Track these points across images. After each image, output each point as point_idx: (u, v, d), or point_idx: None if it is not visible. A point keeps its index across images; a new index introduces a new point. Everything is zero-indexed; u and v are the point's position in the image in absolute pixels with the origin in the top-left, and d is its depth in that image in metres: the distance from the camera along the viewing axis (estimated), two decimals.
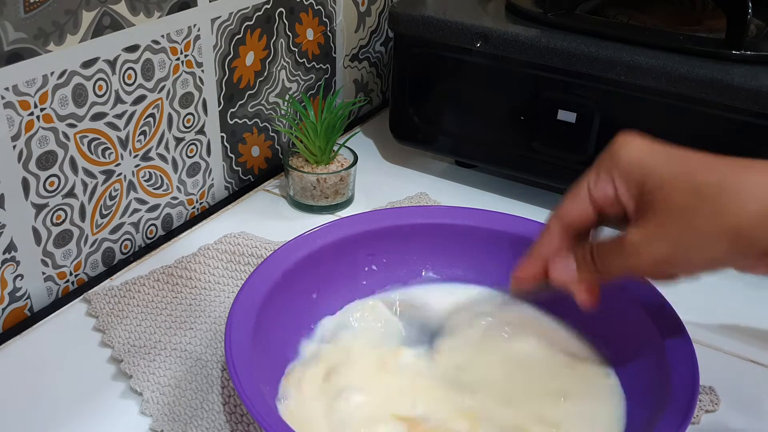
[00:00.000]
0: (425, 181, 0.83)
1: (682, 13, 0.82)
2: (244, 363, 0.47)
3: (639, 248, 0.42)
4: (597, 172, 0.45)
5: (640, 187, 0.43)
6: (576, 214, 0.46)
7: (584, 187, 0.46)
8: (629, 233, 0.42)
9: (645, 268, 0.43)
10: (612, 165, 0.44)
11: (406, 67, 0.79)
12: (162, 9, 0.66)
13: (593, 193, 0.45)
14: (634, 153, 0.43)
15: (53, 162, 0.61)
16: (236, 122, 0.79)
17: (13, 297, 0.62)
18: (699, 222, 0.40)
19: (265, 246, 0.67)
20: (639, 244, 0.42)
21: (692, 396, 0.46)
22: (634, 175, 0.43)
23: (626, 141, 0.44)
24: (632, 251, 0.42)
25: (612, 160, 0.44)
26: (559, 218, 0.47)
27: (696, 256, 0.41)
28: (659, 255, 0.41)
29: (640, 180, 0.42)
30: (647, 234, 0.41)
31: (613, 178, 0.44)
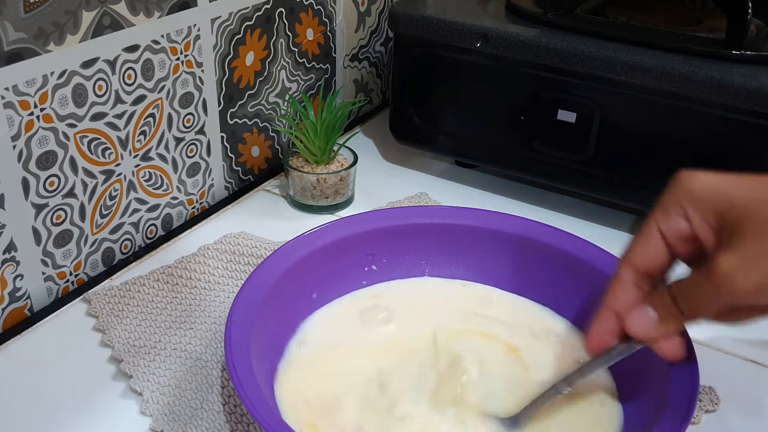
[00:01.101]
0: (425, 181, 0.83)
1: (682, 13, 0.82)
2: (244, 363, 0.47)
3: (733, 275, 0.38)
4: (665, 209, 0.42)
5: (720, 216, 0.40)
6: (650, 258, 0.43)
7: (653, 227, 0.43)
8: (719, 261, 0.39)
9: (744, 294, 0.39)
10: (683, 198, 0.42)
11: (406, 67, 0.79)
12: (162, 9, 0.66)
13: (665, 232, 0.42)
14: (706, 182, 0.41)
15: (53, 162, 0.61)
16: (236, 122, 0.79)
17: (13, 297, 0.62)
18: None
19: (265, 246, 0.67)
20: (732, 270, 0.38)
21: (692, 396, 0.45)
22: (710, 204, 0.40)
23: (690, 174, 0.42)
24: (728, 278, 0.38)
25: (682, 193, 0.42)
26: (631, 265, 0.44)
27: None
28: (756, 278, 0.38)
29: (720, 208, 0.40)
30: (740, 258, 0.38)
31: (686, 211, 0.41)
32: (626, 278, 0.44)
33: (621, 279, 0.45)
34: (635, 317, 0.44)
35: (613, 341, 0.46)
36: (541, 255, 0.60)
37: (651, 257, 0.43)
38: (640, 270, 0.44)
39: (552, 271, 0.59)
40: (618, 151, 0.71)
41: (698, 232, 0.41)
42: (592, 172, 0.73)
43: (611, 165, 0.72)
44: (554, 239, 0.60)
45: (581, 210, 0.77)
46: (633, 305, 0.44)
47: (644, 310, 0.43)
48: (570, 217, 0.76)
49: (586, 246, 0.58)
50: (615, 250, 0.57)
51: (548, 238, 0.60)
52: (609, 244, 0.58)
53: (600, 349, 0.46)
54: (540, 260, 0.60)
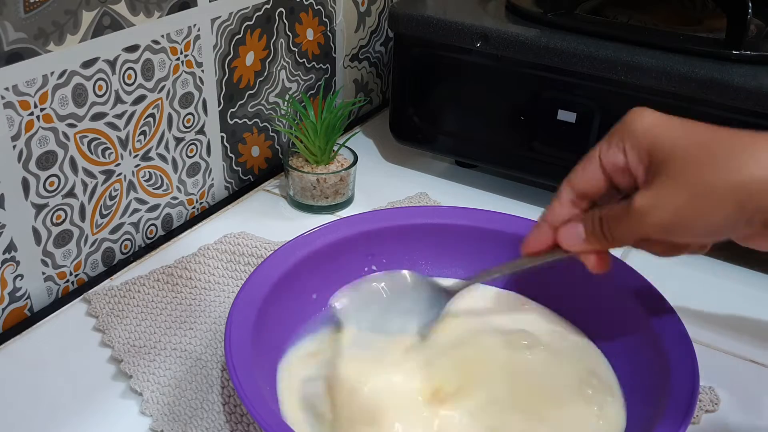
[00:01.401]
0: (425, 181, 0.83)
1: (682, 13, 0.82)
2: (244, 363, 0.47)
3: (646, 212, 0.42)
4: (609, 141, 0.46)
5: (651, 155, 0.43)
6: (587, 182, 0.47)
7: (595, 155, 0.46)
8: (636, 197, 0.42)
9: (652, 232, 0.42)
10: (624, 134, 0.44)
11: (406, 67, 0.79)
12: (162, 9, 0.66)
13: (604, 161, 0.46)
14: (646, 122, 0.44)
15: (53, 162, 0.61)
16: (236, 122, 0.79)
17: (13, 297, 0.62)
18: (707, 178, 0.40)
19: (265, 246, 0.67)
20: (646, 207, 0.42)
21: (692, 396, 0.46)
22: (644, 143, 0.43)
23: (639, 112, 0.45)
24: (640, 215, 0.42)
25: (624, 129, 0.45)
26: (570, 185, 0.48)
27: (702, 218, 0.40)
28: (666, 218, 0.41)
29: (651, 147, 0.43)
30: (654, 197, 0.42)
31: (625, 146, 0.44)
32: (564, 196, 0.48)
33: (560, 196, 0.48)
34: (565, 230, 0.48)
35: (545, 248, 0.49)
36: None
37: (587, 181, 0.47)
38: (577, 191, 0.47)
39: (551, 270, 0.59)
40: None
41: (631, 166, 0.44)
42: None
43: None
44: None
45: None
46: (566, 222, 0.48)
47: (574, 226, 0.47)
48: None
49: None
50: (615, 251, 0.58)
51: None
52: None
53: (533, 252, 0.50)
54: None
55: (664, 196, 0.41)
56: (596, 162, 0.46)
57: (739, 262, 0.70)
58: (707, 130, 0.42)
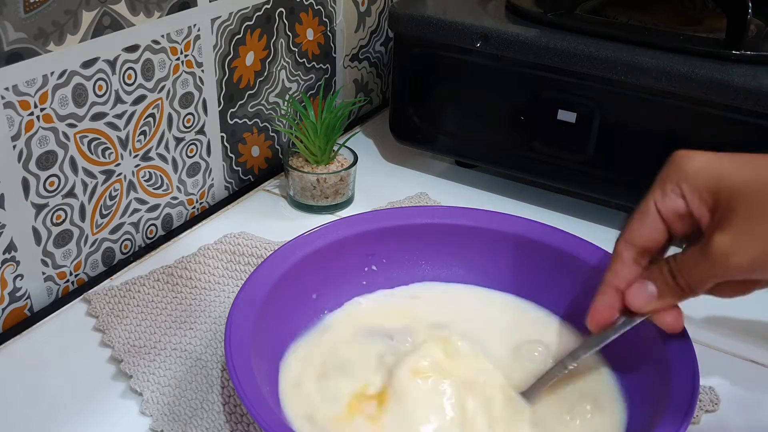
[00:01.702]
0: (425, 181, 0.83)
1: (682, 13, 0.82)
2: (244, 363, 0.47)
3: (729, 253, 0.40)
4: (662, 187, 0.44)
5: (715, 195, 0.41)
6: (647, 235, 0.45)
7: (651, 205, 0.44)
8: (715, 240, 0.40)
9: (736, 273, 0.41)
10: (679, 177, 0.43)
11: (406, 67, 0.79)
12: (162, 9, 0.66)
13: (662, 208, 0.44)
14: (700, 161, 0.42)
15: (53, 162, 0.61)
16: (236, 122, 0.79)
17: (13, 297, 0.62)
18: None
19: (265, 246, 0.67)
20: (728, 248, 0.40)
21: (692, 396, 0.46)
22: (705, 183, 0.42)
23: (686, 155, 0.43)
24: (722, 256, 0.40)
25: (678, 172, 0.43)
26: (629, 242, 0.45)
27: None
28: (750, 256, 0.39)
29: (714, 187, 0.41)
30: (734, 237, 0.40)
31: (683, 190, 0.43)
32: (625, 255, 0.46)
33: (620, 256, 0.46)
34: (635, 291, 0.45)
35: (615, 316, 0.47)
36: (541, 255, 0.60)
37: (648, 234, 0.45)
38: (639, 247, 0.45)
39: (552, 271, 0.59)
40: (618, 151, 0.71)
41: (694, 210, 0.42)
42: (592, 172, 0.73)
43: (611, 165, 0.72)
44: (553, 239, 0.60)
45: (581, 210, 0.77)
46: (632, 281, 0.45)
47: (644, 285, 0.45)
48: (570, 217, 0.76)
49: (585, 246, 0.58)
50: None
51: (548, 238, 0.60)
52: (609, 244, 0.58)
53: (602, 323, 0.47)
54: (539, 260, 0.60)
55: (746, 235, 0.39)
56: (653, 212, 0.44)
57: None
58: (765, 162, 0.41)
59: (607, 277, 0.47)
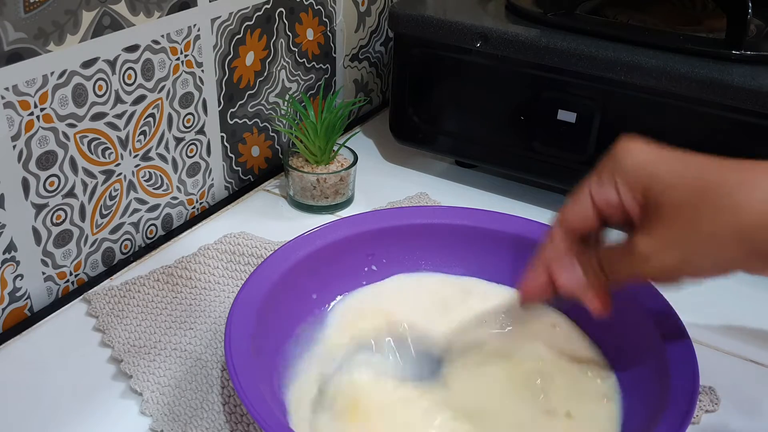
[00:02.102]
0: (425, 181, 0.83)
1: (682, 13, 0.82)
2: (244, 363, 0.47)
3: (648, 257, 0.41)
4: (599, 177, 0.45)
5: (645, 192, 0.42)
6: (579, 220, 0.46)
7: (586, 192, 0.45)
8: (638, 242, 0.42)
9: (655, 275, 0.42)
10: (615, 170, 0.44)
11: (406, 67, 0.79)
12: (162, 9, 0.66)
13: (596, 198, 0.44)
14: (638, 158, 0.43)
15: (53, 162, 0.61)
16: (236, 122, 0.79)
17: (13, 297, 0.62)
18: (705, 225, 0.39)
19: (265, 246, 0.67)
20: (648, 252, 0.41)
21: (692, 396, 0.46)
22: (638, 180, 0.42)
23: (629, 146, 0.44)
24: (641, 260, 0.41)
25: (615, 165, 0.44)
26: (562, 224, 0.47)
27: (705, 261, 0.40)
28: (669, 262, 0.41)
29: (645, 185, 0.42)
30: (655, 242, 0.41)
31: (617, 183, 0.43)
32: (558, 235, 0.47)
33: (553, 236, 0.47)
34: (564, 273, 0.46)
35: (543, 294, 0.47)
36: None
37: (581, 219, 0.45)
38: (571, 230, 0.46)
39: None
40: None
41: (625, 204, 0.43)
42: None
43: None
44: None
45: None
46: (563, 261, 0.46)
47: (572, 267, 0.46)
48: None
49: None
50: None
51: None
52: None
53: (530, 297, 0.48)
54: None
55: (666, 242, 0.40)
56: (587, 199, 0.45)
57: None
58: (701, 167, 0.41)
59: (539, 255, 0.47)
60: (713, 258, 0.40)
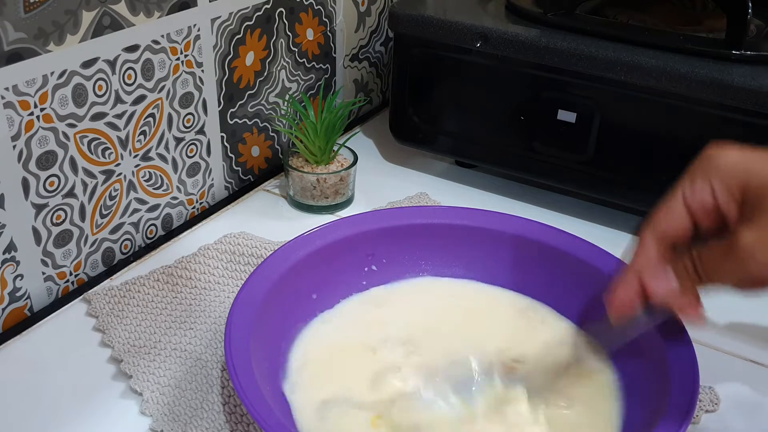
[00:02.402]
0: (425, 181, 0.83)
1: (682, 13, 0.82)
2: (244, 363, 0.47)
3: (754, 250, 0.40)
4: (692, 180, 0.43)
5: (744, 190, 0.41)
6: (672, 226, 0.44)
7: (679, 196, 0.44)
8: (741, 236, 0.40)
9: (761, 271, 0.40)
10: (709, 170, 0.43)
11: (406, 67, 0.79)
12: (162, 9, 0.66)
13: (689, 201, 0.43)
14: (732, 157, 0.42)
15: (53, 162, 0.61)
16: (236, 122, 0.79)
17: (13, 297, 0.62)
18: None
19: (265, 246, 0.67)
20: (753, 245, 0.40)
21: (692, 396, 0.46)
22: (735, 177, 0.42)
23: (719, 148, 0.43)
24: (748, 251, 0.40)
25: (709, 165, 0.43)
26: (654, 231, 0.45)
27: None
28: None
29: (743, 182, 0.41)
30: (761, 234, 0.40)
31: (712, 183, 0.42)
32: (650, 244, 0.45)
33: (645, 245, 0.45)
34: (657, 281, 0.45)
35: (635, 303, 0.46)
36: (541, 255, 0.60)
37: (674, 225, 0.44)
38: (663, 237, 0.45)
39: (552, 272, 0.59)
40: (618, 151, 0.71)
41: (722, 205, 0.42)
42: (592, 172, 0.73)
43: (612, 165, 0.72)
44: (554, 239, 0.60)
45: (581, 210, 0.77)
46: (655, 270, 0.45)
47: (666, 275, 0.44)
48: (570, 217, 0.76)
49: (586, 246, 0.58)
50: (615, 250, 0.58)
51: (548, 238, 0.60)
52: (609, 244, 0.58)
53: (623, 310, 0.47)
54: (540, 260, 0.60)
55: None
56: (681, 204, 0.44)
57: None
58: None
59: (631, 265, 0.46)
60: None
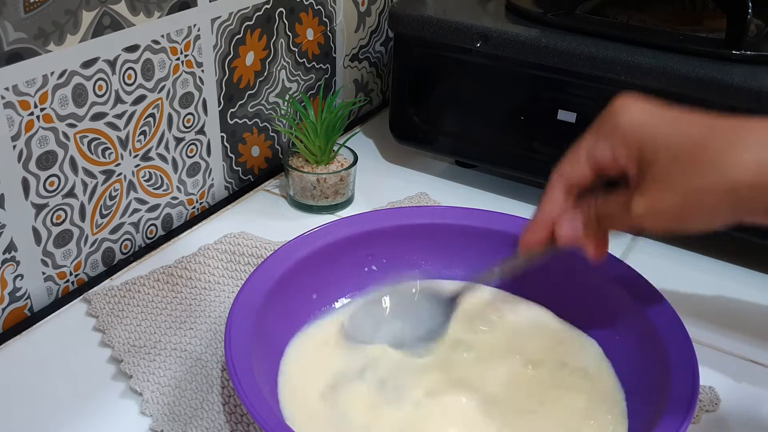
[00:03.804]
0: (425, 181, 0.83)
1: (682, 13, 0.82)
2: (244, 363, 0.47)
3: (643, 216, 0.43)
4: (596, 136, 0.46)
5: (640, 151, 0.43)
6: (576, 176, 0.47)
7: (583, 150, 0.47)
8: (633, 203, 0.43)
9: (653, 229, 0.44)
10: (611, 130, 0.45)
11: (406, 67, 0.79)
12: (162, 9, 0.66)
13: (591, 155, 0.46)
14: (634, 117, 0.44)
15: (53, 162, 0.61)
16: (236, 122, 0.79)
17: (13, 297, 0.62)
18: (697, 182, 0.40)
19: (265, 246, 0.67)
20: (643, 212, 0.43)
21: (692, 396, 0.46)
22: (634, 139, 0.43)
23: (625, 105, 0.45)
24: (638, 216, 0.43)
25: (611, 124, 0.45)
26: (560, 180, 0.48)
27: (699, 216, 0.41)
28: (664, 219, 0.42)
29: (640, 144, 0.43)
30: (649, 203, 0.42)
31: (612, 143, 0.45)
32: (557, 190, 0.48)
33: (553, 190, 0.49)
34: (564, 225, 0.48)
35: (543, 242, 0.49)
36: None
37: (578, 174, 0.47)
38: (569, 184, 0.48)
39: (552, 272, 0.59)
40: None
41: (620, 161, 0.45)
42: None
43: None
44: None
45: None
46: (562, 216, 0.48)
47: (571, 221, 0.48)
48: None
49: None
50: (615, 250, 0.58)
51: None
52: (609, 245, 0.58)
53: (532, 247, 0.50)
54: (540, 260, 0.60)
55: (659, 202, 0.42)
56: (584, 156, 0.46)
57: (739, 262, 0.70)
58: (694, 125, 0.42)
59: (540, 207, 0.49)
60: (705, 213, 0.41)
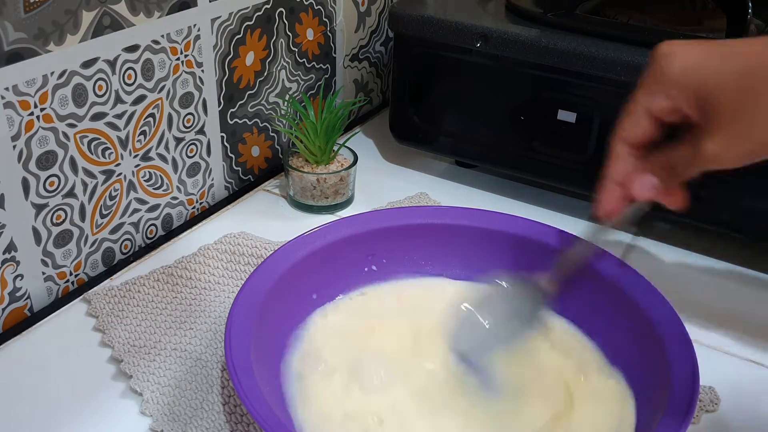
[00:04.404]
0: (425, 181, 0.83)
1: (682, 13, 0.82)
2: (244, 363, 0.47)
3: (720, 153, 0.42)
4: (649, 90, 0.45)
5: (697, 95, 0.43)
6: (638, 132, 0.47)
7: (639, 106, 0.46)
8: (705, 147, 0.42)
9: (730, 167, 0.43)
10: (663, 80, 0.44)
11: (406, 67, 0.79)
12: (162, 9, 0.66)
13: (649, 110, 0.45)
14: (681, 63, 0.43)
15: (53, 162, 0.61)
16: (236, 122, 0.79)
17: (13, 297, 0.62)
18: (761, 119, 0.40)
19: (265, 246, 0.67)
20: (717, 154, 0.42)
21: (692, 396, 0.46)
22: (688, 85, 0.43)
23: (670, 51, 0.44)
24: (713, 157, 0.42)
25: (662, 74, 0.44)
26: (623, 140, 0.48)
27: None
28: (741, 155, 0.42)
29: (695, 89, 0.43)
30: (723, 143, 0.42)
31: (668, 93, 0.44)
32: (621, 152, 0.48)
33: (616, 153, 0.48)
34: (637, 182, 0.47)
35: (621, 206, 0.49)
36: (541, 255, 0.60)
37: (639, 132, 0.47)
38: (632, 142, 0.48)
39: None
40: None
41: (681, 108, 0.44)
42: (592, 172, 0.72)
43: None
44: (554, 239, 0.60)
45: (581, 210, 0.77)
46: (633, 174, 0.48)
47: (646, 178, 0.47)
48: (570, 217, 0.76)
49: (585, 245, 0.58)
50: (615, 251, 0.58)
51: (548, 238, 0.60)
52: (609, 245, 0.58)
53: (612, 213, 0.49)
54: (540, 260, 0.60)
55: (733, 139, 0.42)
56: (641, 111, 0.46)
57: (739, 262, 0.70)
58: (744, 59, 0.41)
59: (608, 173, 0.49)
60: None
